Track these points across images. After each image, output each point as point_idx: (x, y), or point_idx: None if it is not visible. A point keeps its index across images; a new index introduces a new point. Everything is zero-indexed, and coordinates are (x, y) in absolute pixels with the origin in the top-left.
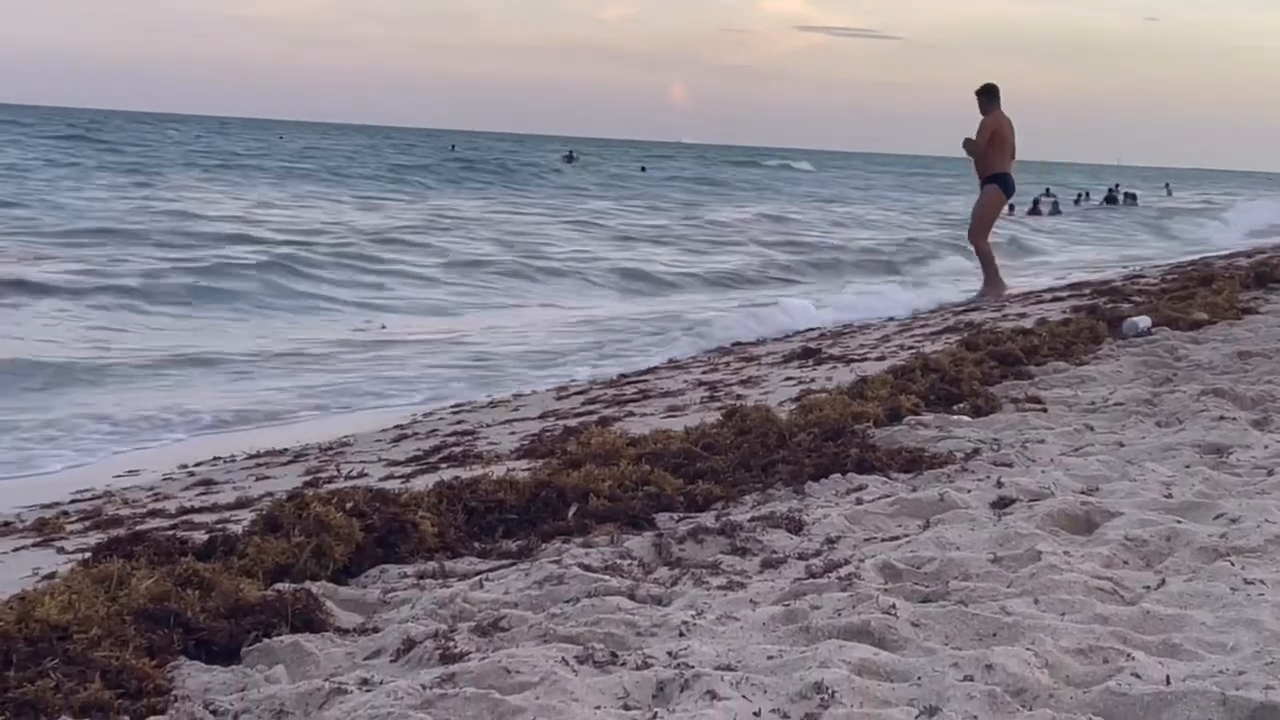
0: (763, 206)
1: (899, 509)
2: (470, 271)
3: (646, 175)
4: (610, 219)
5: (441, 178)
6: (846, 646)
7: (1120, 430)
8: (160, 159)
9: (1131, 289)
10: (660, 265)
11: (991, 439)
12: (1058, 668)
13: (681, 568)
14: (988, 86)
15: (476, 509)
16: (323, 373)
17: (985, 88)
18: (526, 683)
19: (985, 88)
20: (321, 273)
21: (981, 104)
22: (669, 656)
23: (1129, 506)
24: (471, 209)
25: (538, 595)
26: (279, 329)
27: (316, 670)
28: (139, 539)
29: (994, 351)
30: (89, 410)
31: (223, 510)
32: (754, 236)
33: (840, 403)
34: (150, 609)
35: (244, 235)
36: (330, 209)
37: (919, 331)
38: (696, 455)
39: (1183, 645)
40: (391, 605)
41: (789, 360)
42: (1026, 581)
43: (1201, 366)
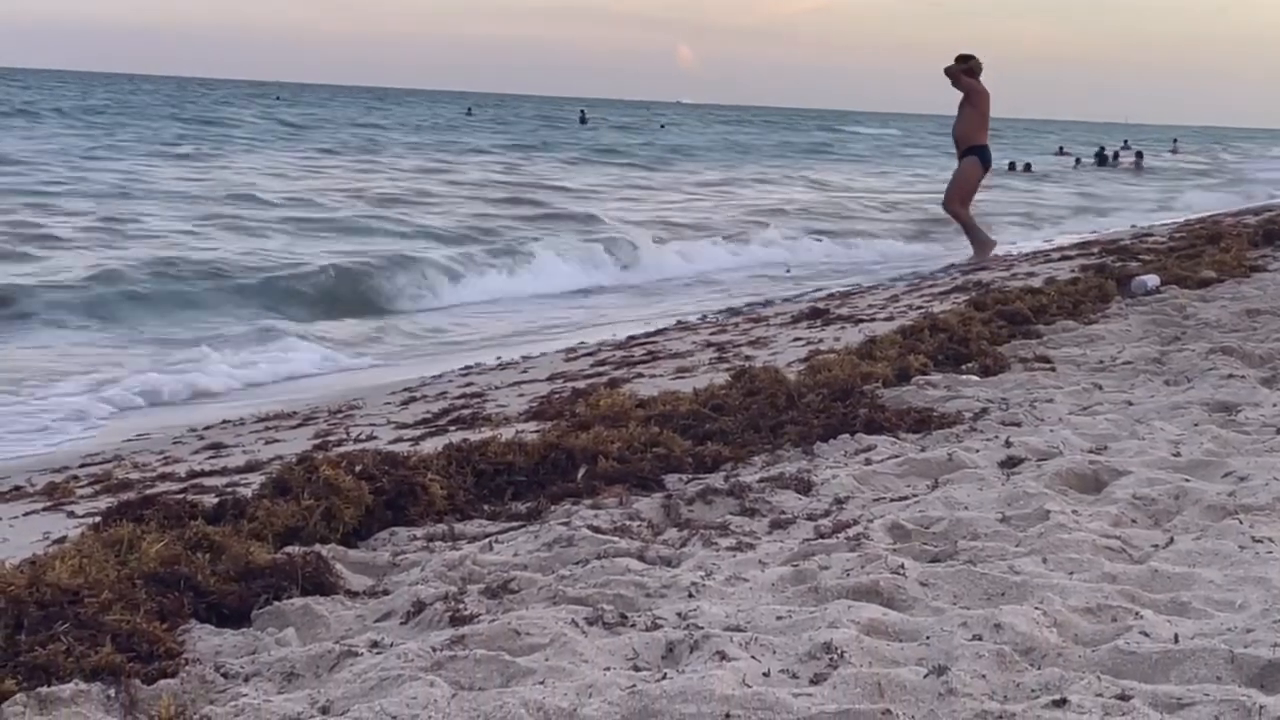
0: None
1: (908, 469)
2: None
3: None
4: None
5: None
6: (855, 606)
7: (1129, 389)
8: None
9: (1140, 247)
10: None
11: (1000, 398)
12: (1066, 626)
13: (690, 529)
14: (973, 57)
15: (485, 471)
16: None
17: (971, 58)
18: (536, 644)
19: (971, 58)
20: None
21: (970, 73)
22: (678, 617)
23: (1137, 465)
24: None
25: (547, 557)
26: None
27: (327, 633)
28: (149, 503)
29: (1002, 311)
30: None
31: (232, 474)
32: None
33: (849, 363)
34: (161, 572)
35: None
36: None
37: (927, 291)
38: (705, 416)
39: (1191, 603)
40: (401, 568)
41: (797, 321)
42: (1035, 541)
43: (1210, 325)
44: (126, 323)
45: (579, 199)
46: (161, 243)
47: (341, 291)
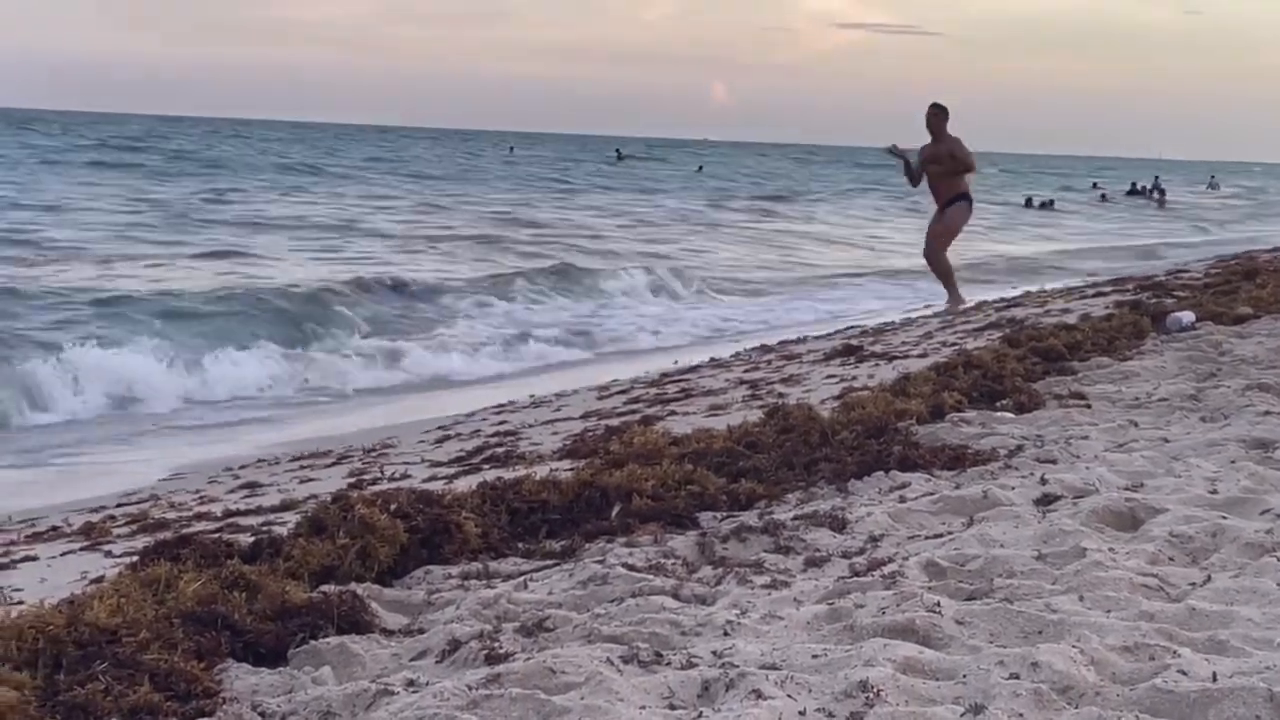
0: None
1: (942, 506)
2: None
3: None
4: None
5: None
6: (891, 645)
7: (1165, 426)
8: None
9: (1175, 284)
10: None
11: (1035, 435)
12: (1104, 665)
13: (725, 567)
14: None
15: (520, 509)
16: None
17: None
18: (572, 683)
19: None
20: None
21: (945, 123)
22: (714, 656)
23: (1174, 503)
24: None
25: (582, 595)
26: None
27: (363, 671)
28: (185, 542)
29: (1037, 348)
30: None
31: (267, 513)
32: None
33: (883, 400)
34: (198, 611)
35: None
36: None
37: (961, 328)
38: (739, 454)
39: (1229, 642)
40: (436, 606)
41: (830, 358)
42: (1071, 579)
43: (1246, 361)
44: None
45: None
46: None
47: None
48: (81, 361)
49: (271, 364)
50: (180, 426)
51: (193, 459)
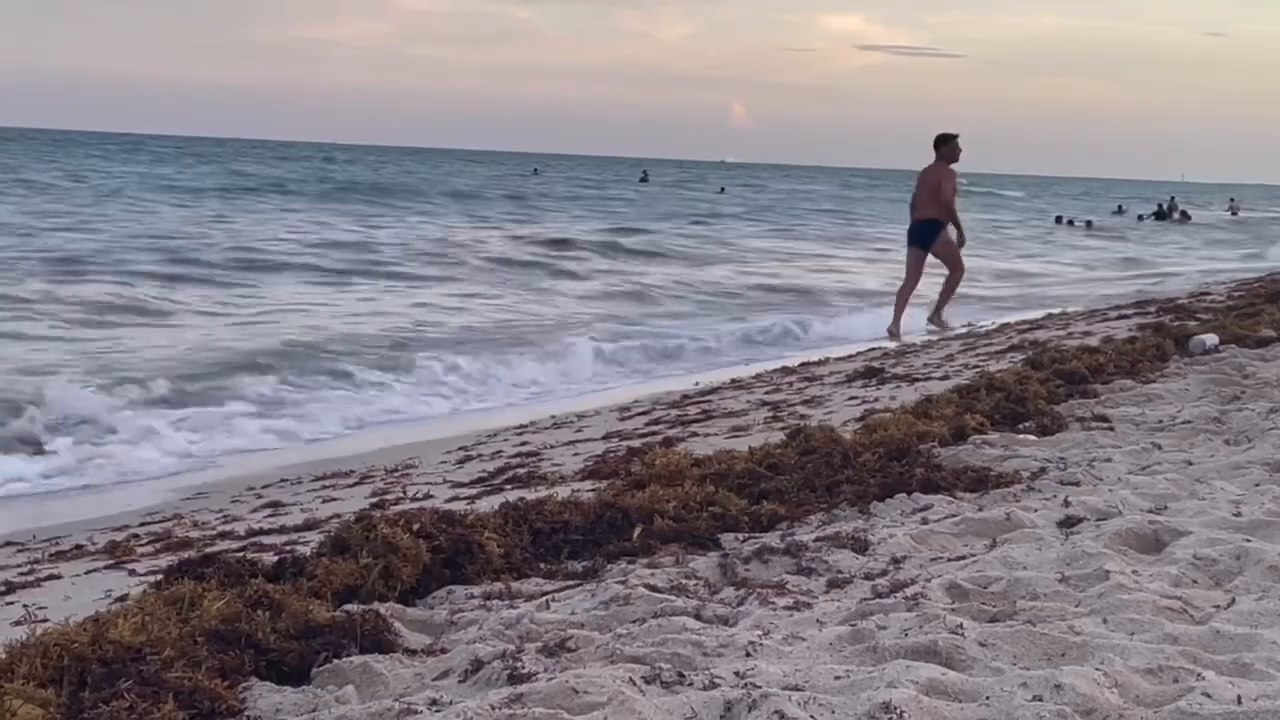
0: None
1: (965, 528)
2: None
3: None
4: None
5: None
6: (914, 666)
7: (1188, 449)
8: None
9: (1198, 306)
10: None
11: (1058, 458)
12: (1128, 687)
13: (747, 588)
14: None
15: (542, 530)
16: None
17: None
18: (594, 703)
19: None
20: None
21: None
22: (736, 676)
23: (1198, 525)
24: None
25: (604, 616)
26: None
27: (386, 691)
28: (209, 561)
29: (1059, 370)
30: None
31: (291, 532)
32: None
33: (905, 422)
34: (221, 630)
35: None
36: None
37: (983, 350)
38: (761, 475)
39: (1254, 665)
40: (459, 626)
41: (852, 380)
42: (1095, 601)
43: (1270, 384)
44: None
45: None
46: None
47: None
48: None
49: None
50: None
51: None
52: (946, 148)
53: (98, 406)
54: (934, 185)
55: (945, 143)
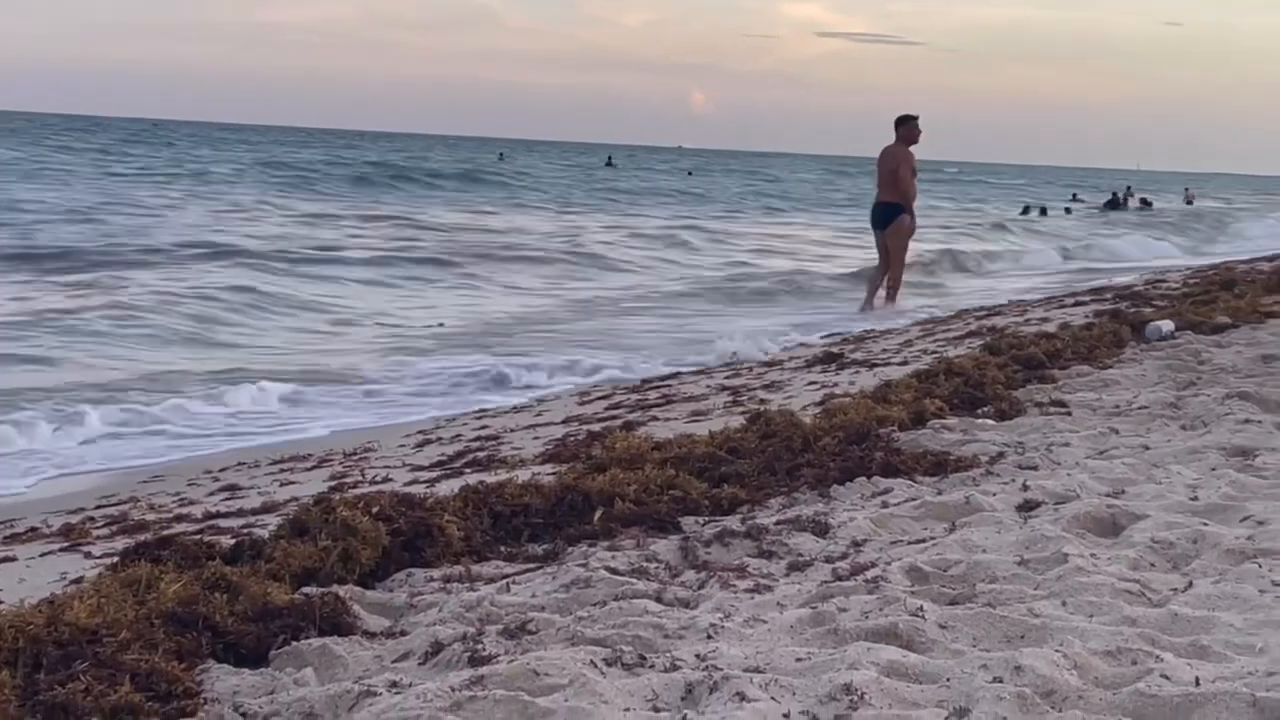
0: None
1: (925, 512)
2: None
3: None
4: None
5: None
6: (875, 648)
7: (1145, 433)
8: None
9: (1154, 293)
10: None
11: (1016, 442)
12: (1086, 669)
13: (708, 571)
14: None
15: (502, 513)
16: None
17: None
18: (555, 685)
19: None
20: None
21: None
22: (697, 659)
23: (1155, 509)
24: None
25: (565, 598)
26: None
27: (345, 673)
28: (166, 543)
29: (1017, 355)
30: None
31: (248, 515)
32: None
33: (864, 406)
34: (179, 612)
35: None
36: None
37: (941, 336)
38: (721, 459)
39: (1211, 647)
40: (419, 609)
41: (812, 365)
42: (1054, 584)
43: (1225, 370)
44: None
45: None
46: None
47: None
48: None
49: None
50: None
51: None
52: (905, 128)
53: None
54: (892, 169)
55: (904, 123)
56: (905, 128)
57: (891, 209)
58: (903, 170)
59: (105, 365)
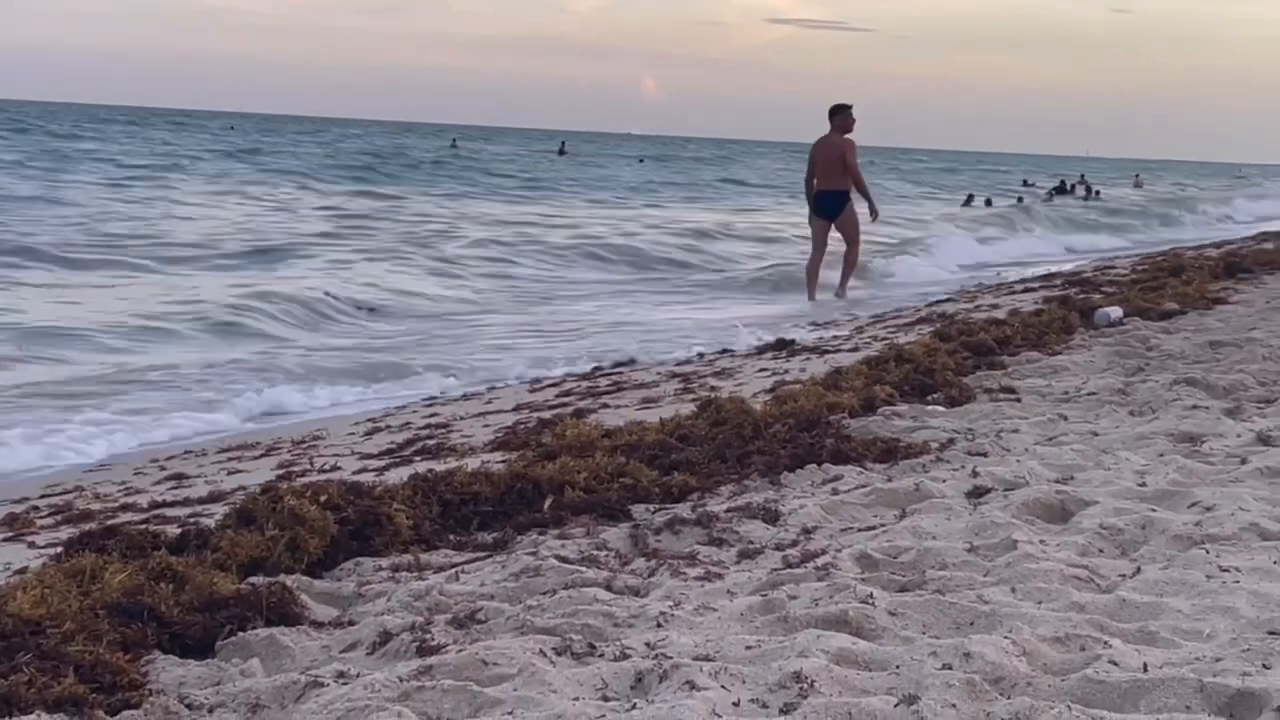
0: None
1: (875, 499)
2: None
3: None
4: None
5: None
6: (824, 636)
7: (1094, 420)
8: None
9: (1102, 279)
10: None
11: (966, 429)
12: (1035, 656)
13: (658, 559)
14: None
15: (451, 501)
16: None
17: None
18: (504, 674)
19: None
20: None
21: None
22: (647, 647)
23: (1104, 495)
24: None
25: (514, 587)
26: None
27: (292, 663)
28: (111, 533)
29: (967, 342)
30: None
31: (195, 504)
32: None
33: (815, 393)
34: (123, 603)
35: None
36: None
37: (892, 323)
38: (672, 447)
39: (1159, 633)
40: (367, 598)
41: (763, 352)
42: (1003, 570)
43: (1173, 356)
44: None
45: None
46: None
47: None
48: None
49: None
50: None
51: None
52: (840, 117)
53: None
54: (837, 158)
55: (839, 112)
56: (840, 116)
57: (839, 196)
58: (850, 157)
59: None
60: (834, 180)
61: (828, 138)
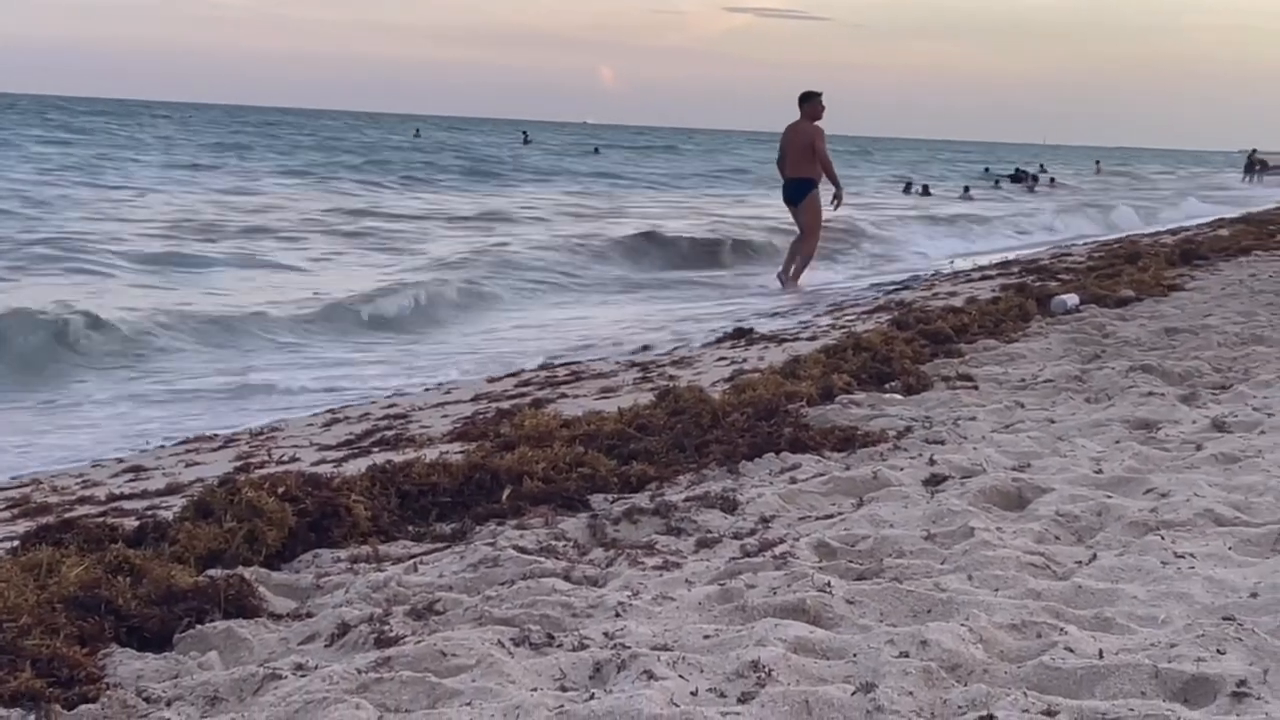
0: None
1: (833, 487)
2: None
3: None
4: None
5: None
6: (782, 625)
7: (1050, 407)
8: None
9: (1059, 267)
10: None
11: (923, 417)
12: (992, 643)
13: (617, 549)
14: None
15: (410, 492)
16: None
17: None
18: (463, 665)
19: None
20: None
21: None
22: (605, 637)
23: (1060, 482)
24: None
25: (472, 578)
26: None
27: (250, 656)
28: (68, 526)
29: (924, 330)
30: None
31: (153, 497)
32: None
33: (773, 382)
34: (81, 597)
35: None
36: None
37: (850, 311)
38: (630, 436)
39: (1115, 619)
40: (325, 590)
41: (721, 340)
42: (960, 558)
43: (1129, 343)
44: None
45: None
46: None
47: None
48: None
49: None
50: None
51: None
52: (809, 105)
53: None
54: (806, 145)
55: (808, 100)
56: (810, 104)
57: (804, 184)
58: (819, 145)
59: None
60: (802, 168)
61: (797, 124)
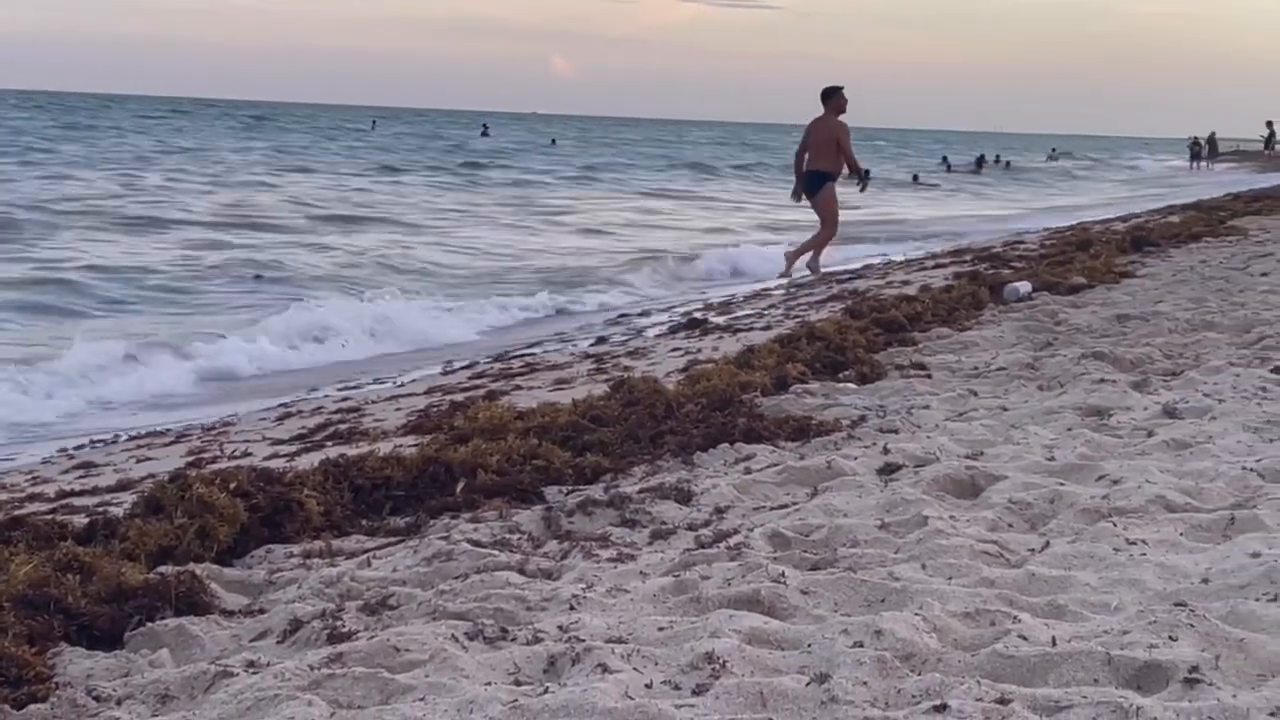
0: None
1: (787, 477)
2: None
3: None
4: None
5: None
6: (737, 616)
7: (1003, 395)
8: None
9: (1011, 255)
10: None
11: (877, 406)
12: (945, 632)
13: (571, 541)
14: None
15: (363, 486)
16: None
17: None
18: (416, 660)
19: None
20: None
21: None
22: (559, 630)
23: (1013, 470)
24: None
25: (426, 572)
26: None
27: (202, 653)
28: (17, 524)
29: (878, 319)
30: None
31: (103, 493)
32: None
33: (727, 373)
34: (29, 595)
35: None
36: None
37: (804, 300)
38: (584, 428)
39: (1068, 606)
40: (278, 586)
41: (675, 331)
42: (914, 547)
43: (1081, 330)
44: None
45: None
46: None
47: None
48: None
49: None
50: None
51: None
52: (834, 100)
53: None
54: (831, 140)
55: (832, 95)
56: (834, 99)
57: (822, 176)
58: (844, 140)
59: None
60: (823, 161)
61: (822, 119)
